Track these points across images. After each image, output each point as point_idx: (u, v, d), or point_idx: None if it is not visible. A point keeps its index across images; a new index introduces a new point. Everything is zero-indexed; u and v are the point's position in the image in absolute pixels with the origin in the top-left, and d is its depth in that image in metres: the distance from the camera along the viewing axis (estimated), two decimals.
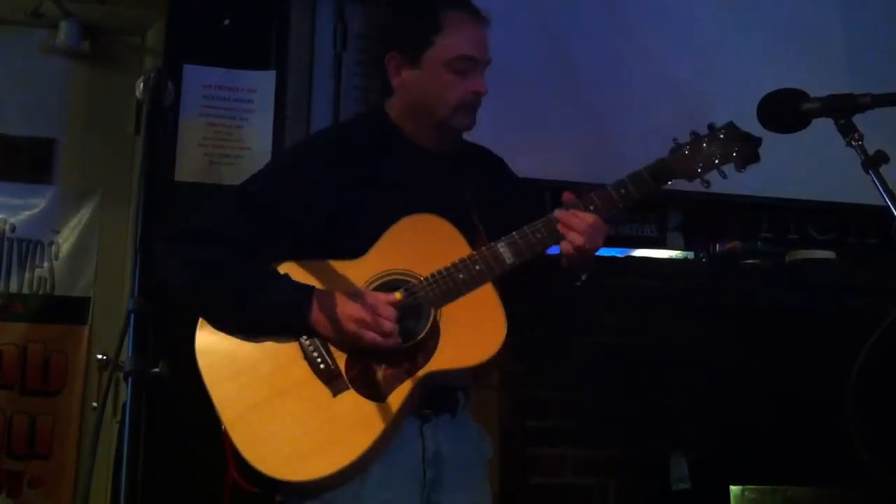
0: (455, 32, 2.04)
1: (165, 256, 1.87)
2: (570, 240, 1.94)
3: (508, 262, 1.97)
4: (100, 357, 1.50)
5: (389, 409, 1.88)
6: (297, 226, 2.00)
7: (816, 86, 1.85)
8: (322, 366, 1.90)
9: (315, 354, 1.91)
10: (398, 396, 1.89)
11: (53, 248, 3.51)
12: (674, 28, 3.49)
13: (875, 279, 3.36)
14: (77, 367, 3.45)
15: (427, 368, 1.91)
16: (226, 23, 3.29)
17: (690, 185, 2.06)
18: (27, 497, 3.37)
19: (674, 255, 3.56)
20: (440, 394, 2.00)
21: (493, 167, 2.27)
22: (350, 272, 1.97)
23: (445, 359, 1.91)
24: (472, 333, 1.93)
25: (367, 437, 1.86)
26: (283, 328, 1.93)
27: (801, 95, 1.84)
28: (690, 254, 3.56)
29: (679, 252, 3.56)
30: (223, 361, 1.93)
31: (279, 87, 3.32)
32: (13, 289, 3.46)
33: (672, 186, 2.06)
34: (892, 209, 1.67)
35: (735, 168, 2.02)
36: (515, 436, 3.16)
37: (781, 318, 3.27)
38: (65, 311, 3.48)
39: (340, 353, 1.92)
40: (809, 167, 3.23)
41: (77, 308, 3.49)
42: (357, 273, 1.97)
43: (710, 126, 2.05)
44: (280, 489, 1.91)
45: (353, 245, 1.99)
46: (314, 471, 1.85)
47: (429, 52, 2.04)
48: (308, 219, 2.00)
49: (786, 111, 1.85)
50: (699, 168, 2.02)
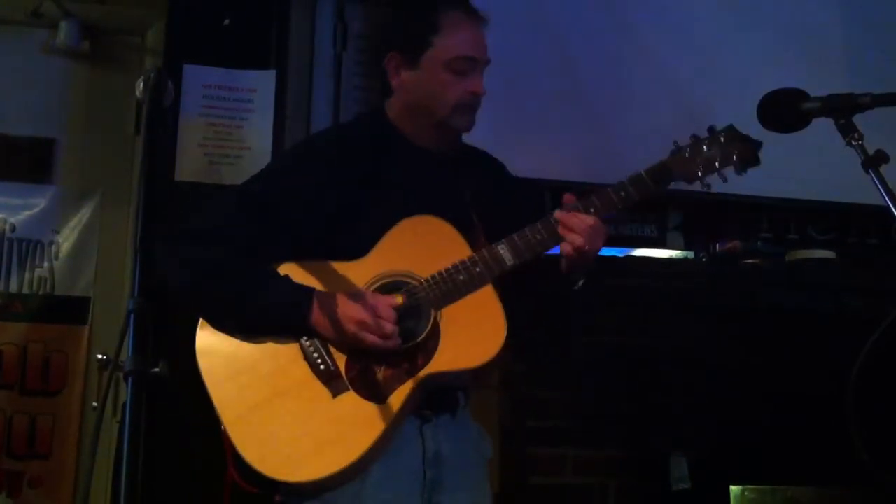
0: (453, 33, 2.04)
1: (165, 256, 1.87)
2: (570, 241, 1.94)
3: (509, 264, 1.97)
4: (100, 357, 1.49)
5: (389, 410, 1.88)
6: (298, 226, 2.00)
7: (816, 86, 1.85)
8: (322, 366, 1.90)
9: (315, 355, 1.91)
10: (398, 397, 1.89)
11: (53, 248, 3.51)
12: (674, 28, 3.48)
13: (875, 279, 3.36)
14: (77, 367, 3.45)
15: (427, 370, 1.91)
16: (226, 23, 3.29)
17: (690, 186, 2.05)
18: (27, 497, 3.37)
19: (674, 255, 3.56)
20: (440, 394, 2.00)
21: (493, 168, 2.27)
22: (351, 273, 1.97)
23: (445, 360, 1.91)
24: (473, 335, 1.93)
25: (367, 438, 1.86)
26: (284, 328, 1.93)
27: (801, 95, 1.84)
28: (690, 254, 3.55)
29: (679, 252, 3.56)
30: (223, 362, 1.93)
31: (279, 87, 3.32)
32: (13, 289, 3.46)
33: (672, 186, 2.06)
34: (892, 209, 1.67)
35: (735, 171, 2.01)
36: (515, 436, 3.15)
37: (781, 318, 3.26)
38: (65, 311, 3.48)
39: (340, 354, 1.92)
40: (809, 167, 3.22)
41: (77, 308, 3.49)
42: (357, 274, 1.97)
43: (711, 128, 2.04)
44: (279, 490, 1.91)
45: (353, 245, 1.99)
46: (314, 471, 1.85)
47: (427, 53, 2.04)
48: (308, 218, 2.00)
49: (786, 111, 1.85)
50: (699, 171, 2.01)
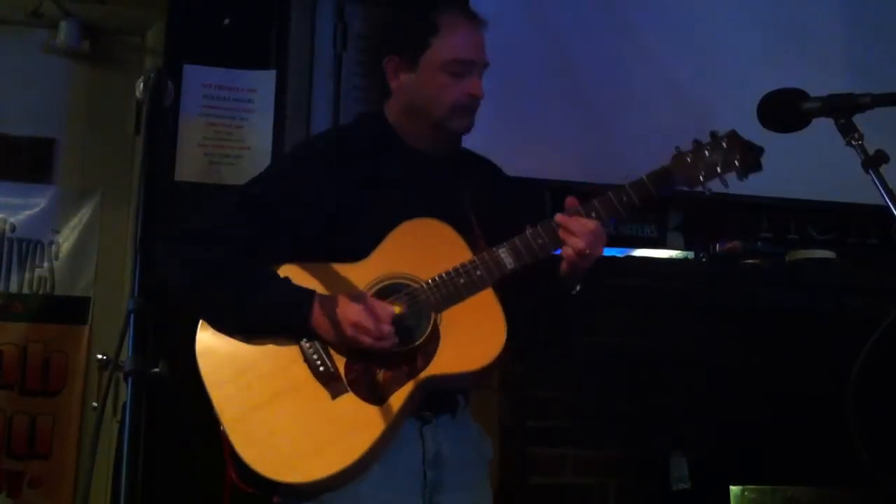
0: (451, 35, 2.04)
1: (165, 256, 1.87)
2: (572, 245, 1.93)
3: (509, 267, 1.96)
4: (100, 357, 1.49)
5: (389, 412, 1.88)
6: (298, 226, 2.00)
7: (816, 86, 1.84)
8: (321, 368, 1.90)
9: (315, 357, 1.91)
10: (398, 399, 1.89)
11: (53, 248, 3.51)
12: (674, 28, 3.48)
13: (875, 279, 3.36)
14: (77, 367, 3.46)
15: (427, 372, 1.91)
16: (226, 23, 3.29)
17: (691, 190, 2.05)
18: (27, 497, 3.37)
19: (674, 255, 3.55)
20: (440, 395, 2.00)
21: (492, 170, 2.27)
22: (352, 275, 1.97)
23: (445, 362, 1.91)
24: (472, 337, 1.93)
25: (366, 440, 1.86)
26: (284, 328, 1.93)
27: (801, 95, 1.84)
28: (690, 254, 3.55)
29: (679, 252, 3.56)
30: (223, 362, 1.93)
31: (279, 87, 3.32)
32: (13, 289, 3.46)
33: None
34: (892, 209, 1.66)
35: (737, 177, 2.00)
36: (515, 436, 3.15)
37: (781, 318, 3.26)
38: (65, 311, 3.49)
39: (340, 356, 1.92)
40: (809, 167, 3.21)
41: (77, 308, 3.49)
42: (358, 276, 1.97)
43: (713, 133, 2.02)
44: (279, 490, 1.91)
45: (353, 245, 1.99)
46: (313, 472, 1.84)
47: (425, 55, 2.04)
48: (308, 219, 2.00)
49: (786, 111, 1.84)
50: (701, 176, 2.00)
